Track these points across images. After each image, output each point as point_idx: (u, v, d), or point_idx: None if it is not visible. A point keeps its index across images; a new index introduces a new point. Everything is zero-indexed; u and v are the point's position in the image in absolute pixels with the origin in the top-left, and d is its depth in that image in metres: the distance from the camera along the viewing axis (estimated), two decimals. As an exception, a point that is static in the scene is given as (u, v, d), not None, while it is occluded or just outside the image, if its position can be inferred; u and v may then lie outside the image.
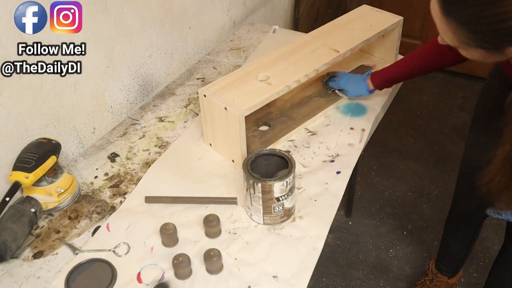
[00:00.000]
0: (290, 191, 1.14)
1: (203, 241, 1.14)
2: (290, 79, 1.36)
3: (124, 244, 1.13)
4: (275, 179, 1.10)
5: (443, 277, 1.91)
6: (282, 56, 1.47)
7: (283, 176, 1.11)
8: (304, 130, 1.48)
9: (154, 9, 1.57)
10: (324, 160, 1.37)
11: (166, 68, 1.71)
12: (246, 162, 1.16)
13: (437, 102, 3.06)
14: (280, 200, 1.13)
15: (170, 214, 1.21)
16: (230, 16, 2.01)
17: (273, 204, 1.13)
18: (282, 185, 1.11)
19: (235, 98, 1.28)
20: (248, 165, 1.15)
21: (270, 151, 1.20)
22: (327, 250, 2.16)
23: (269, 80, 1.35)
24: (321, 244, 1.13)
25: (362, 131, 1.46)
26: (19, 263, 1.10)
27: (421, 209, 2.37)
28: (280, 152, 1.19)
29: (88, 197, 1.27)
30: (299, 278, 1.06)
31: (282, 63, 1.43)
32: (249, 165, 1.15)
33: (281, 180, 1.10)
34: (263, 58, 1.46)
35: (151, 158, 1.40)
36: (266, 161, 1.20)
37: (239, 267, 1.08)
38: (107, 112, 1.50)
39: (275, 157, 1.20)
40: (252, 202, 1.16)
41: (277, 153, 1.19)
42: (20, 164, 1.16)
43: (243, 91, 1.31)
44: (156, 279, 1.06)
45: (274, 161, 1.20)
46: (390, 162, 2.64)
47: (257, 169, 1.18)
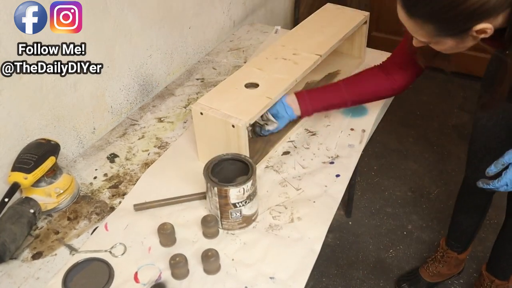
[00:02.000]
0: (248, 198, 1.12)
1: (201, 242, 1.15)
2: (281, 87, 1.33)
3: (121, 244, 1.14)
4: (231, 185, 1.08)
5: (453, 253, 1.95)
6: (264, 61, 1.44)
7: (240, 183, 1.09)
8: (304, 131, 1.48)
9: (154, 9, 1.58)
10: (323, 161, 1.37)
11: (166, 68, 1.71)
12: (208, 164, 1.14)
13: (437, 102, 3.06)
14: (237, 207, 1.11)
15: (169, 214, 1.21)
16: (230, 16, 2.01)
17: (230, 210, 1.12)
18: (238, 192, 1.09)
19: (232, 111, 1.24)
20: (210, 168, 1.13)
21: (233, 156, 1.18)
22: (327, 250, 2.16)
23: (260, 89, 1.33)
24: (319, 245, 1.13)
25: (362, 132, 1.46)
26: (18, 264, 1.11)
27: (421, 209, 2.37)
28: (244, 158, 1.17)
29: (87, 198, 1.28)
30: (296, 279, 1.06)
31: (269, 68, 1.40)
32: (210, 168, 1.13)
33: (237, 186, 1.08)
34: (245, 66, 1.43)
35: (150, 158, 1.40)
36: (232, 165, 1.18)
37: (236, 268, 1.08)
38: (107, 112, 1.50)
39: (240, 162, 1.17)
40: (211, 206, 1.15)
41: (241, 158, 1.17)
42: (19, 165, 1.16)
43: (237, 102, 1.27)
44: (153, 279, 1.06)
45: (240, 166, 1.17)
46: (390, 162, 2.64)
47: (222, 173, 1.16)
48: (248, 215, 1.15)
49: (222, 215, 1.14)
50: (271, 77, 1.37)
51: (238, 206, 1.12)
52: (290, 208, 1.22)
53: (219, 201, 1.11)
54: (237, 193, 1.09)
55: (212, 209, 1.16)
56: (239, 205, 1.11)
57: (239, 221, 1.15)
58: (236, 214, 1.13)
